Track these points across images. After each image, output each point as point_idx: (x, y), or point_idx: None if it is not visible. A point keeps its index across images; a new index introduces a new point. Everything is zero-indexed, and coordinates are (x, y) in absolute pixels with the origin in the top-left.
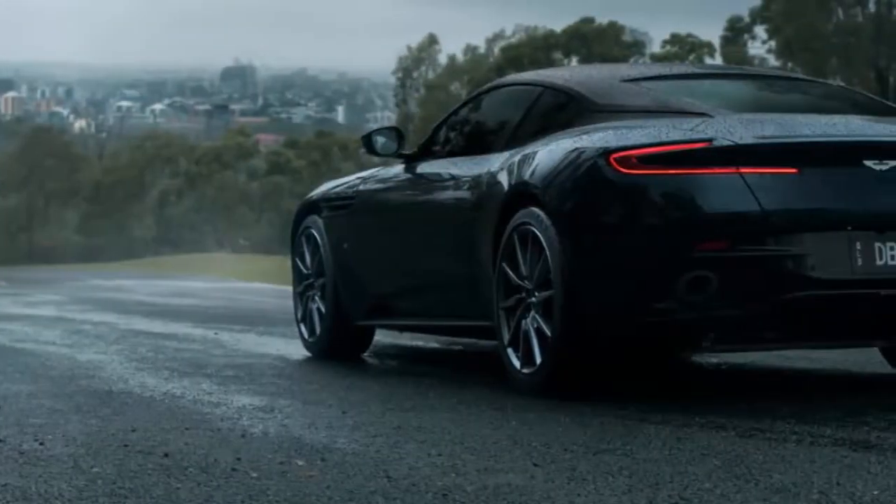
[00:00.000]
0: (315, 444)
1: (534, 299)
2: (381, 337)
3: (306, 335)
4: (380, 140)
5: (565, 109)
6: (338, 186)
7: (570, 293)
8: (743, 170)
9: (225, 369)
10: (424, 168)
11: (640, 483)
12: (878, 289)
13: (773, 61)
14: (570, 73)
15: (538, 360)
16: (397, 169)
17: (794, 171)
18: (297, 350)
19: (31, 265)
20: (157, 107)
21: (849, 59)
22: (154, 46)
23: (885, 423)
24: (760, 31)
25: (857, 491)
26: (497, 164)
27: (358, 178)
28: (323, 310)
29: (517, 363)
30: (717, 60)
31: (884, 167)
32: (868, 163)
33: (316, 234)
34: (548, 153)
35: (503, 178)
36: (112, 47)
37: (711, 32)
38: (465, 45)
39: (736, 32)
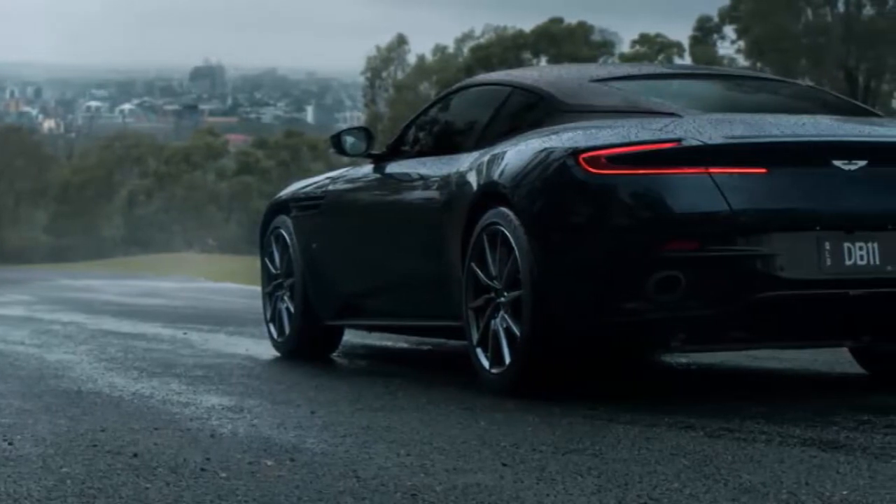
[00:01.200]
0: (284, 444)
1: (503, 299)
2: (350, 337)
3: (275, 335)
4: (349, 140)
5: (534, 109)
6: (307, 186)
7: (538, 293)
8: (712, 170)
9: (194, 369)
10: (393, 168)
11: (609, 483)
12: (847, 289)
13: (742, 61)
14: (539, 73)
15: (507, 360)
16: (366, 169)
17: (763, 170)
18: (266, 350)
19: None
20: (127, 107)
21: (818, 59)
22: (123, 46)
23: (853, 423)
24: (730, 31)
25: (825, 491)
26: (466, 164)
27: (327, 178)
28: (292, 310)
29: (486, 363)
30: (687, 60)
31: (853, 167)
32: (837, 163)
33: (285, 234)
34: (517, 153)
35: (472, 178)
36: (81, 47)
37: (680, 32)
38: (435, 45)
39: (705, 32)
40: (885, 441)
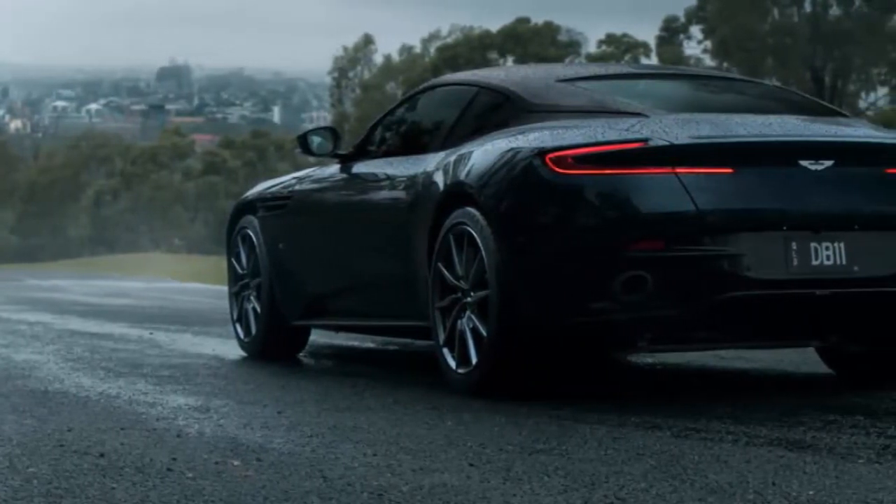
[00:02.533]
0: (251, 444)
1: (469, 299)
2: (317, 337)
3: (242, 335)
4: (315, 140)
5: (501, 109)
6: (273, 186)
7: (505, 293)
8: (678, 170)
9: (160, 369)
10: (360, 168)
11: (575, 483)
12: (814, 289)
13: (708, 61)
14: (505, 73)
15: (474, 360)
16: (333, 169)
17: (729, 170)
18: (232, 350)
19: None
20: (93, 107)
21: (785, 59)
22: (90, 46)
23: (820, 423)
24: (696, 31)
25: (792, 491)
26: (433, 164)
27: (293, 178)
28: (258, 310)
29: (453, 363)
30: (653, 60)
31: (819, 167)
32: (804, 163)
33: (252, 234)
34: (483, 153)
35: (439, 178)
36: (47, 47)
37: (647, 32)
38: (401, 45)
39: (671, 32)
40: (851, 441)
